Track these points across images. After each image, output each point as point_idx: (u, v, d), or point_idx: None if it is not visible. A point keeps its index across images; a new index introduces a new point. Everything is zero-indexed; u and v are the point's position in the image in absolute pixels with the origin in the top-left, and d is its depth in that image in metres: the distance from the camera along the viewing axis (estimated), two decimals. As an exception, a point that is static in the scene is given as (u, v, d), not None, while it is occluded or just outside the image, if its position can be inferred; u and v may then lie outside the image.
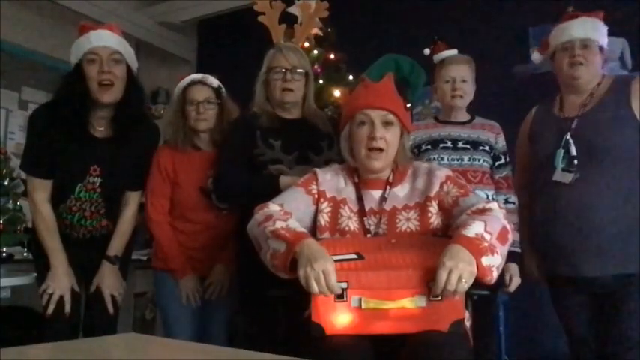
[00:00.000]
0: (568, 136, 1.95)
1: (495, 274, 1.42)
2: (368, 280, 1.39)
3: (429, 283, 1.37)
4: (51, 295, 1.92)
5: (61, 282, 1.93)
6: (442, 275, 1.32)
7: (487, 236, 1.41)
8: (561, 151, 1.94)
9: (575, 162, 1.92)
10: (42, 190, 1.97)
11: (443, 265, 1.33)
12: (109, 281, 2.03)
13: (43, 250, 1.97)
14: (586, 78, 1.99)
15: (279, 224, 1.51)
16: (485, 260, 1.37)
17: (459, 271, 1.32)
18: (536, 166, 2.08)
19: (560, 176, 1.93)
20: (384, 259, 1.44)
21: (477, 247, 1.38)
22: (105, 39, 1.95)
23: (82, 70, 1.93)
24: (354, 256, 1.44)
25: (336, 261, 1.39)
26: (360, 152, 1.63)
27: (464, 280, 1.32)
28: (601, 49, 2.01)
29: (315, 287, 1.35)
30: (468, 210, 1.54)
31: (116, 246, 2.07)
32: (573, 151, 1.93)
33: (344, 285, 1.38)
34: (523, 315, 2.89)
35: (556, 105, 2.09)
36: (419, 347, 1.34)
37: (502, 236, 1.46)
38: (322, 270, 1.35)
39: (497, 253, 1.42)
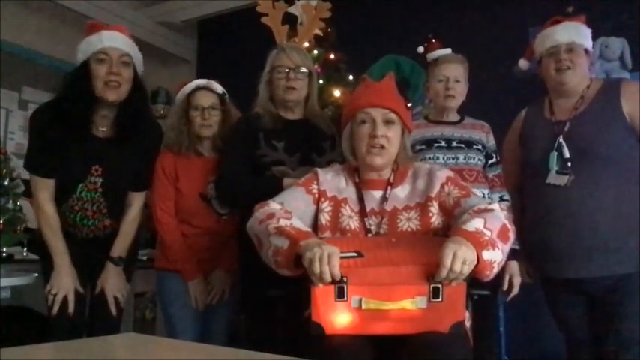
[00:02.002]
0: (561, 139, 1.95)
1: (495, 270, 1.43)
2: (367, 275, 1.39)
3: (429, 278, 1.36)
4: (55, 295, 1.92)
5: (63, 282, 1.93)
6: (447, 258, 1.32)
7: (487, 232, 1.41)
8: (555, 154, 1.94)
9: (569, 164, 1.92)
10: (45, 189, 1.96)
11: (447, 247, 1.33)
12: (112, 282, 2.03)
13: (49, 250, 1.96)
14: (574, 82, 1.99)
15: (282, 222, 1.52)
16: (486, 254, 1.37)
17: (463, 253, 1.32)
18: (527, 169, 2.08)
19: (555, 179, 1.93)
20: (384, 256, 1.44)
21: (477, 240, 1.38)
22: (117, 40, 1.95)
23: (88, 68, 1.92)
24: (353, 254, 1.44)
25: None
26: (361, 149, 1.63)
27: (467, 262, 1.33)
28: (587, 51, 2.02)
29: (317, 266, 1.34)
30: (469, 210, 1.53)
31: (120, 247, 2.06)
32: (566, 154, 1.93)
33: (344, 279, 1.38)
34: (523, 315, 2.89)
35: (546, 108, 2.09)
36: (419, 348, 1.34)
37: (503, 234, 1.46)
38: (328, 252, 1.35)
39: (498, 249, 1.42)
